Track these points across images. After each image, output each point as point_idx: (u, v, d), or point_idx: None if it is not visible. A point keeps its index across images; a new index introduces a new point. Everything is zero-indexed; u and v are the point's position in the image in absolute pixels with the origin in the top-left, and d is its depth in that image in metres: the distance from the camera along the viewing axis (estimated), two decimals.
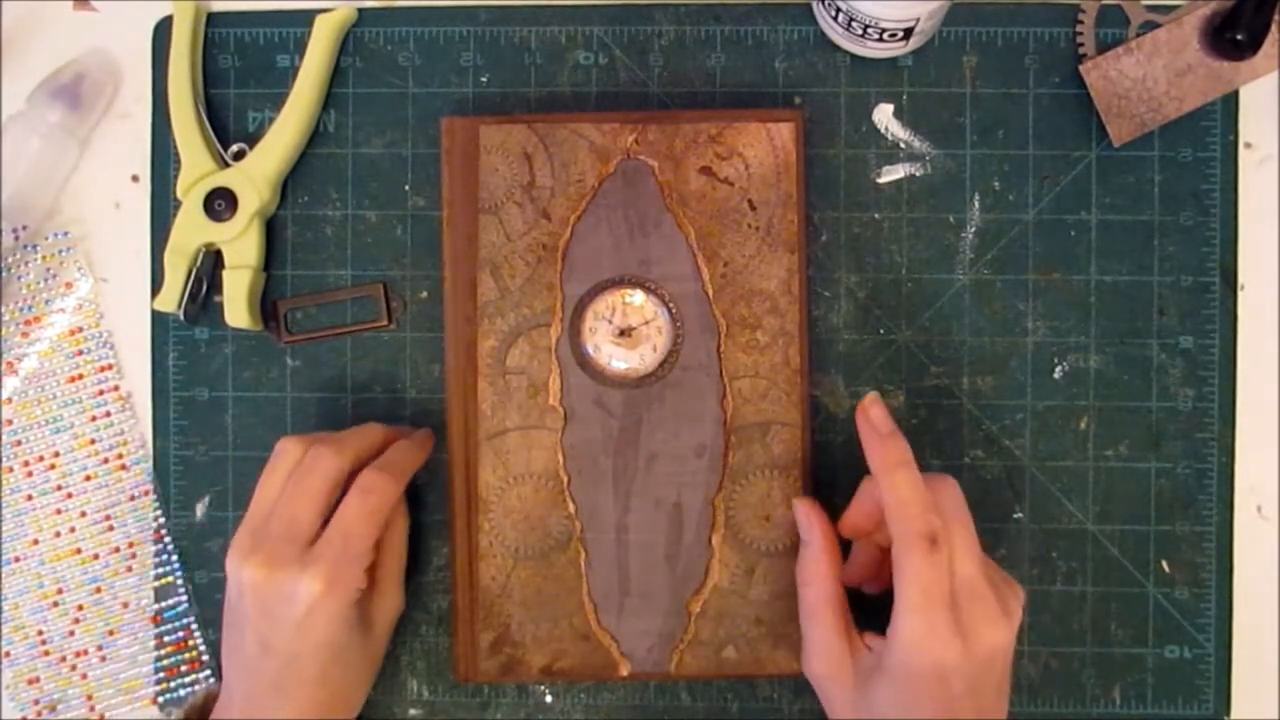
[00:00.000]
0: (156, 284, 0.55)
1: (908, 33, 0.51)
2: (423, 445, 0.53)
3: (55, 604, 0.56)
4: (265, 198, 0.54)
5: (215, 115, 0.56)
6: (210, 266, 0.54)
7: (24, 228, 0.55)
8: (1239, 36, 0.52)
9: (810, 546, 0.49)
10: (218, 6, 0.56)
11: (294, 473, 0.49)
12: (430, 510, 0.55)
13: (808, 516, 0.50)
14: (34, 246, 0.56)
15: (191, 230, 0.54)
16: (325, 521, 0.48)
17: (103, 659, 0.56)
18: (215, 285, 0.54)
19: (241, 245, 0.54)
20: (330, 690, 0.49)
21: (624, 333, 0.52)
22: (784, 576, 0.52)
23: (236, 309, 0.54)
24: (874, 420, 0.47)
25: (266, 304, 0.56)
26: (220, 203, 0.54)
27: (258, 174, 0.54)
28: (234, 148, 0.55)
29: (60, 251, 0.56)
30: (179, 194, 0.54)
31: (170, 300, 0.54)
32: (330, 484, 0.48)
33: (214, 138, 0.55)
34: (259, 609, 0.47)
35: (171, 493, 0.56)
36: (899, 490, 0.46)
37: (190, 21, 0.55)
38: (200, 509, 0.56)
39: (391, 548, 0.52)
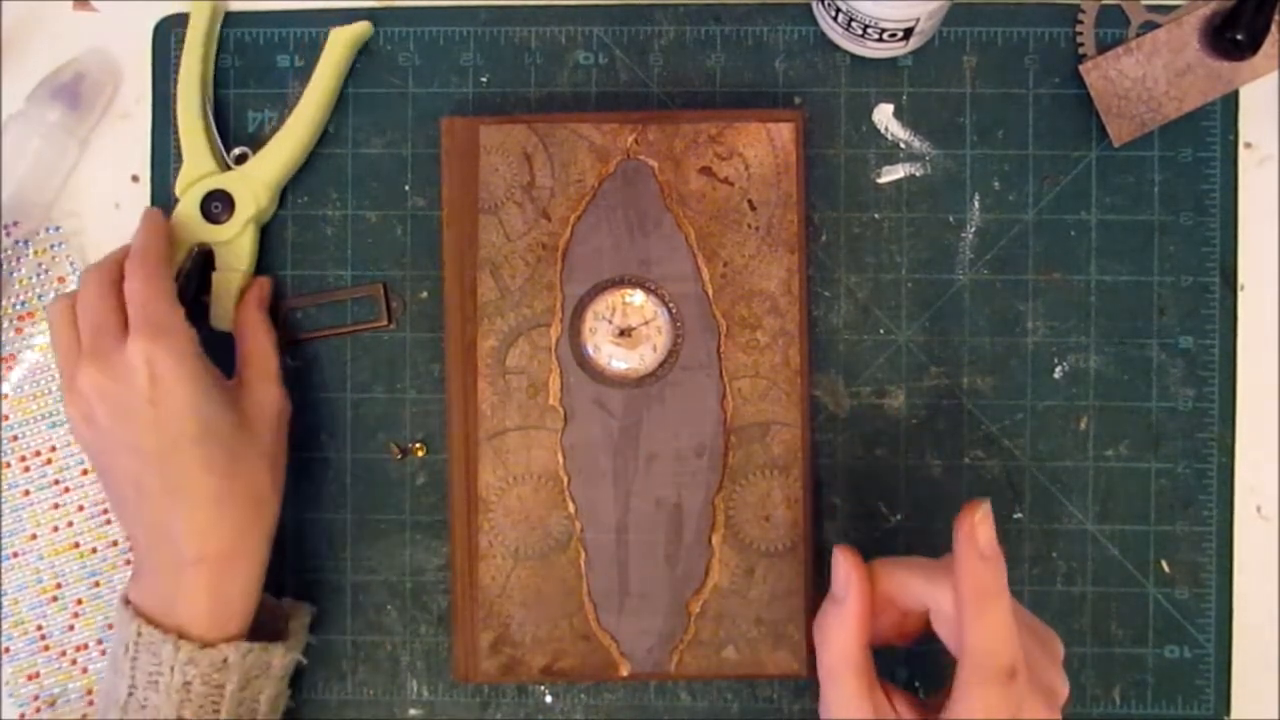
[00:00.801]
0: None
1: (908, 33, 0.51)
2: (150, 217, 0.53)
3: (54, 599, 0.56)
4: (263, 204, 0.54)
5: (216, 115, 0.56)
6: (200, 266, 0.54)
7: (15, 223, 0.55)
8: (1239, 36, 0.52)
9: (842, 605, 0.45)
10: (228, 6, 0.56)
11: (72, 308, 0.50)
12: (430, 510, 0.55)
13: (848, 574, 0.45)
14: (27, 243, 0.56)
15: (186, 229, 0.54)
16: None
17: (102, 653, 0.56)
18: (205, 285, 0.54)
19: (234, 248, 0.54)
20: (221, 477, 0.48)
21: (624, 333, 0.52)
22: (784, 577, 0.52)
23: (223, 311, 0.54)
24: (980, 541, 0.43)
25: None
26: (217, 205, 0.54)
27: (257, 179, 0.54)
28: (236, 151, 0.55)
29: (53, 247, 0.56)
30: (177, 191, 0.54)
31: None
32: (108, 285, 0.49)
33: (219, 139, 0.55)
34: (112, 414, 0.48)
35: None
36: (989, 623, 0.42)
37: (207, 19, 0.55)
38: None
39: (252, 343, 0.53)
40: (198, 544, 0.47)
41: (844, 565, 0.45)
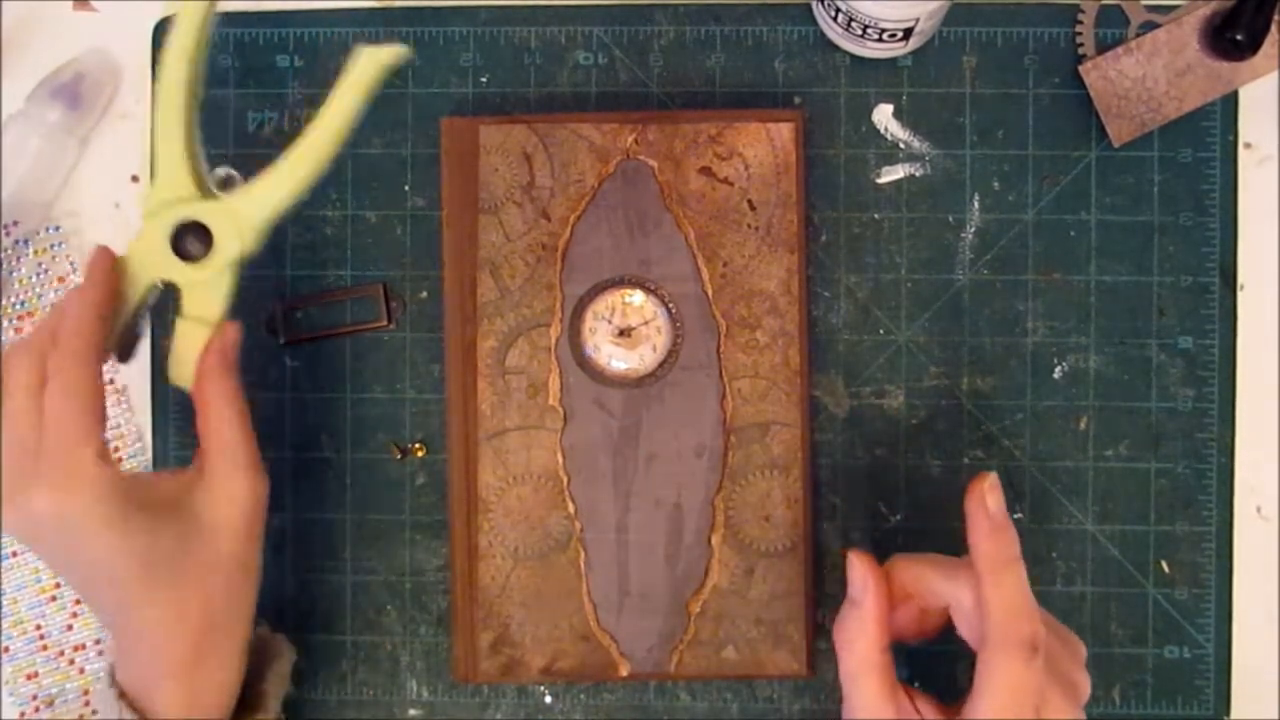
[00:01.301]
0: None
1: (907, 33, 0.51)
2: (91, 275, 0.45)
3: (53, 598, 0.56)
4: (248, 246, 0.46)
5: (215, 115, 0.56)
6: (155, 303, 0.47)
7: (15, 223, 0.55)
8: (1239, 36, 0.52)
9: (860, 608, 0.44)
10: (218, 6, 0.56)
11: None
12: (430, 510, 0.55)
13: (864, 578, 0.44)
14: (27, 242, 0.56)
15: (149, 259, 0.46)
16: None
17: (100, 653, 0.56)
18: (163, 323, 0.47)
19: (205, 294, 0.46)
20: (167, 605, 0.43)
21: (624, 333, 0.52)
22: (784, 577, 0.52)
23: (182, 369, 0.46)
24: (990, 508, 0.43)
25: (267, 305, 0.56)
26: (192, 239, 0.45)
27: (245, 216, 0.46)
28: (220, 171, 0.49)
29: (52, 246, 0.56)
30: (143, 213, 0.46)
31: None
32: (35, 387, 0.43)
33: (202, 157, 0.47)
34: (42, 547, 0.44)
35: None
36: (1005, 590, 0.42)
37: (198, 21, 0.46)
38: None
39: (216, 421, 0.45)
40: (160, 663, 0.44)
41: (860, 568, 0.45)
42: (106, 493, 0.42)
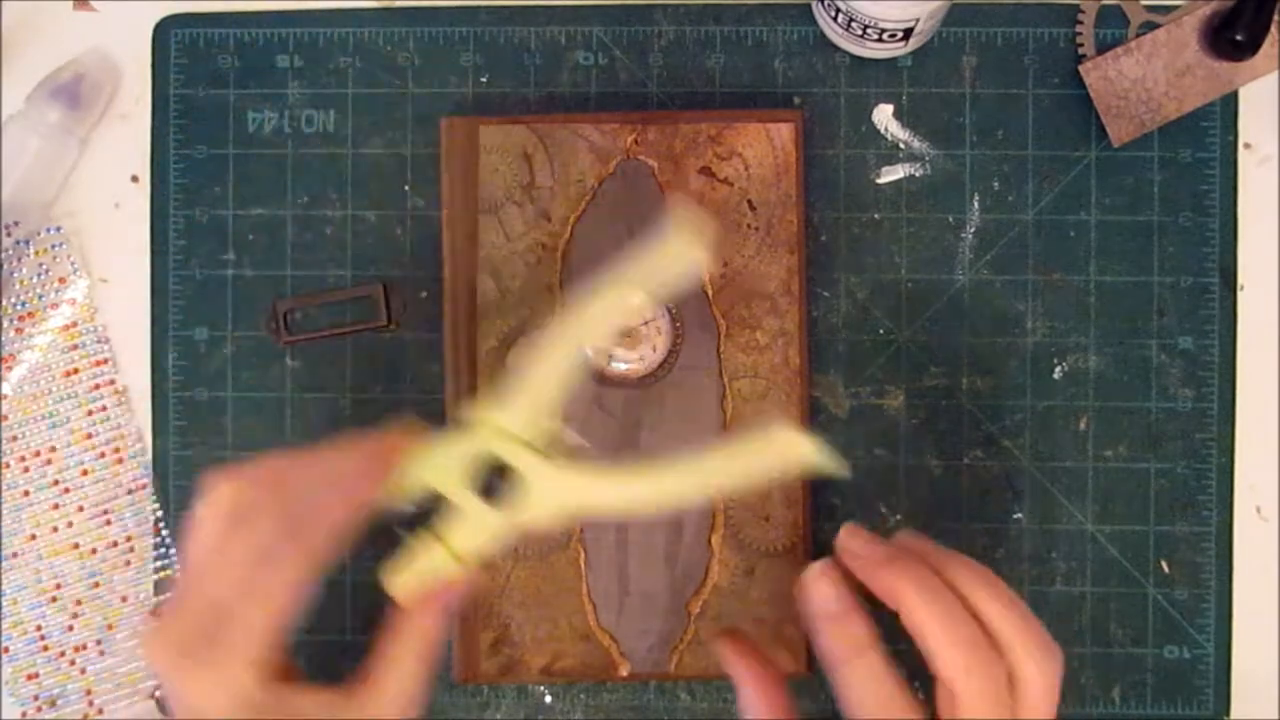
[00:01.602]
0: (156, 284, 0.56)
1: (907, 33, 0.51)
2: (366, 473, 0.41)
3: (54, 599, 0.56)
4: (552, 520, 0.42)
5: (215, 115, 0.56)
6: (412, 514, 0.43)
7: (16, 223, 0.55)
8: (1239, 36, 0.52)
9: (746, 693, 0.45)
10: (218, 7, 0.56)
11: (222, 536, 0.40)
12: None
13: (734, 667, 0.44)
14: (27, 242, 0.56)
15: (441, 469, 0.42)
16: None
17: (101, 653, 0.56)
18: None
19: (476, 535, 0.42)
20: None
21: (624, 333, 0.52)
22: (784, 577, 0.52)
23: (403, 579, 0.43)
24: (816, 602, 0.42)
25: (266, 305, 0.56)
26: (501, 481, 0.42)
27: (565, 491, 0.42)
28: (569, 436, 0.44)
29: (53, 247, 0.56)
30: (464, 419, 0.42)
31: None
32: (256, 545, 0.39)
33: (559, 412, 0.42)
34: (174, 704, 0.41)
35: (171, 493, 0.56)
36: (857, 687, 0.40)
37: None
38: None
39: (397, 659, 0.42)
40: None
41: (729, 658, 0.45)
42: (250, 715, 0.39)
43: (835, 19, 0.52)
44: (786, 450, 0.40)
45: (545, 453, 0.42)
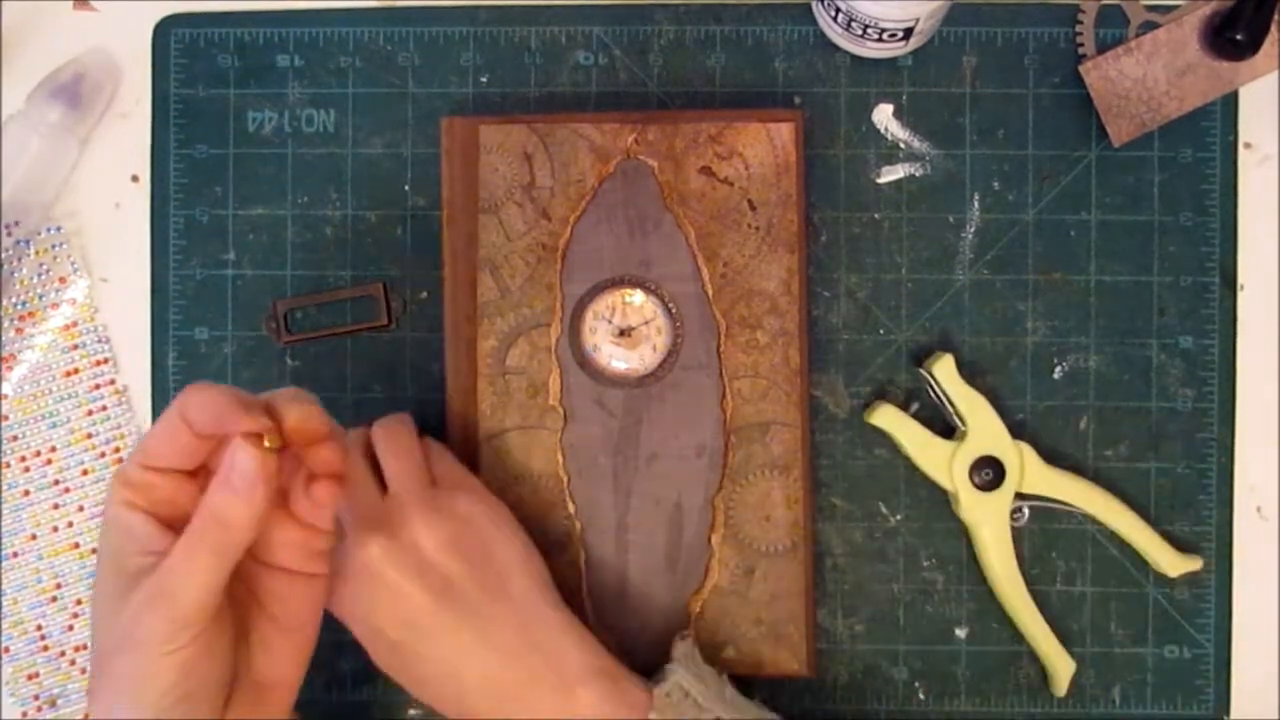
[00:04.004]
0: (156, 284, 0.56)
1: (907, 33, 0.51)
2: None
3: (54, 599, 0.56)
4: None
5: (215, 115, 0.56)
6: None
7: (16, 223, 0.55)
8: (1239, 36, 0.52)
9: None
10: (218, 6, 0.56)
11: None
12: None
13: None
14: (28, 242, 0.56)
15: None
16: None
17: None
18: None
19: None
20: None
21: (624, 333, 0.52)
22: (784, 577, 0.52)
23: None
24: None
25: (266, 305, 0.56)
26: (988, 471, 0.53)
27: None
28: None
29: (54, 247, 0.56)
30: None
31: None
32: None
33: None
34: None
35: None
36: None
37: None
38: None
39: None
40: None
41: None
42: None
43: (835, 19, 0.52)
44: None
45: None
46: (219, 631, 0.41)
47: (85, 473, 0.56)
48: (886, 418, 0.53)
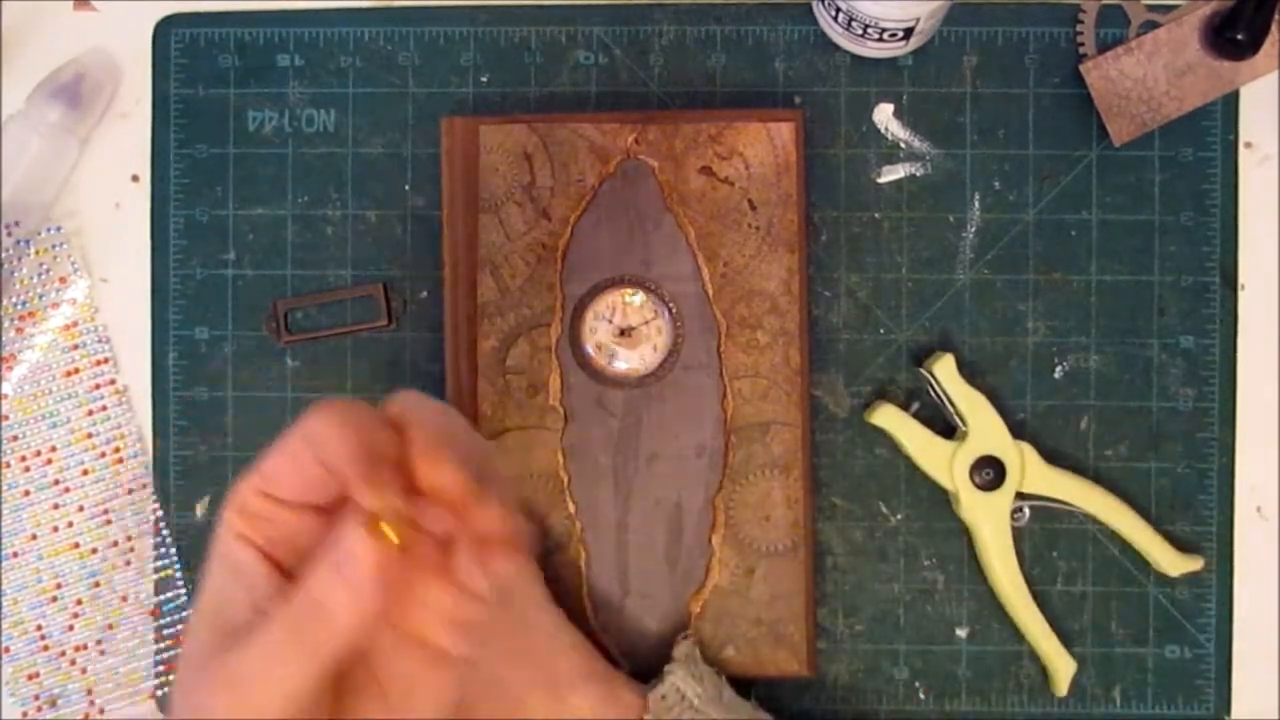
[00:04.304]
0: (156, 284, 0.56)
1: (908, 33, 0.51)
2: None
3: (54, 599, 0.56)
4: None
5: (215, 115, 0.56)
6: None
7: (16, 223, 0.55)
8: (1239, 36, 0.52)
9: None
10: (218, 6, 0.56)
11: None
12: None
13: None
14: (28, 243, 0.56)
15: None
16: None
17: (102, 653, 0.56)
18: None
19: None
20: None
21: (624, 332, 0.52)
22: (784, 577, 0.52)
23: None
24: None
25: (266, 305, 0.56)
26: (989, 471, 0.53)
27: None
28: None
29: (54, 247, 0.56)
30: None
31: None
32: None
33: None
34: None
35: (171, 492, 0.56)
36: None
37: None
38: (200, 509, 0.56)
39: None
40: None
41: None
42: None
43: (835, 18, 0.52)
44: None
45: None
46: None
47: (85, 473, 0.56)
48: (887, 417, 0.53)
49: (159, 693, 0.56)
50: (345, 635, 0.32)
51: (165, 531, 0.56)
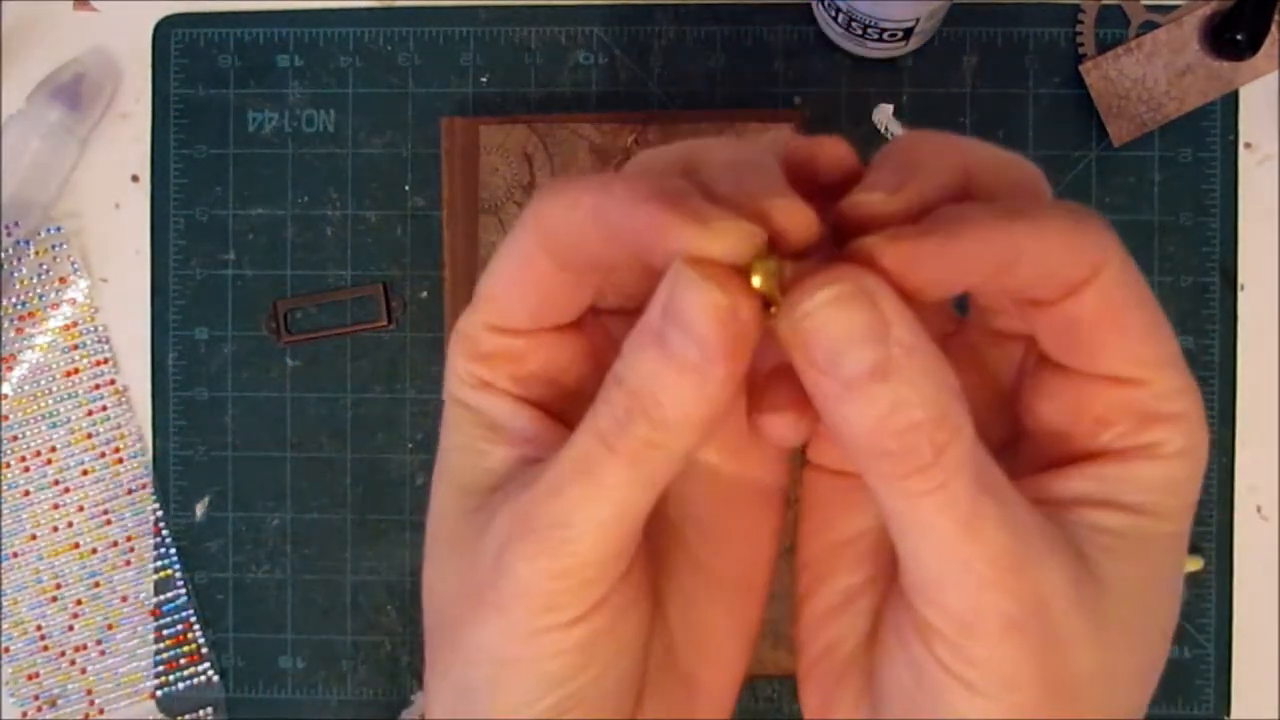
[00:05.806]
0: (156, 284, 0.56)
1: (908, 33, 0.51)
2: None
3: (54, 599, 0.56)
4: None
5: (215, 115, 0.56)
6: None
7: (16, 223, 0.55)
8: (1239, 36, 0.52)
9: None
10: (218, 6, 0.56)
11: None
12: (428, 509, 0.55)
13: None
14: (28, 243, 0.56)
15: None
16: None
17: (102, 653, 0.56)
18: None
19: None
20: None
21: None
22: (784, 576, 0.52)
23: None
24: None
25: (266, 305, 0.56)
26: None
27: None
28: None
29: (54, 247, 0.56)
30: None
31: None
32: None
33: None
34: None
35: (171, 493, 0.56)
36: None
37: None
38: (200, 509, 0.56)
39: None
40: None
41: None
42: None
43: (835, 19, 0.52)
44: None
45: None
46: (632, 597, 0.25)
47: (85, 473, 0.56)
48: None
49: (159, 693, 0.56)
50: (688, 434, 0.22)
51: (165, 531, 0.56)
